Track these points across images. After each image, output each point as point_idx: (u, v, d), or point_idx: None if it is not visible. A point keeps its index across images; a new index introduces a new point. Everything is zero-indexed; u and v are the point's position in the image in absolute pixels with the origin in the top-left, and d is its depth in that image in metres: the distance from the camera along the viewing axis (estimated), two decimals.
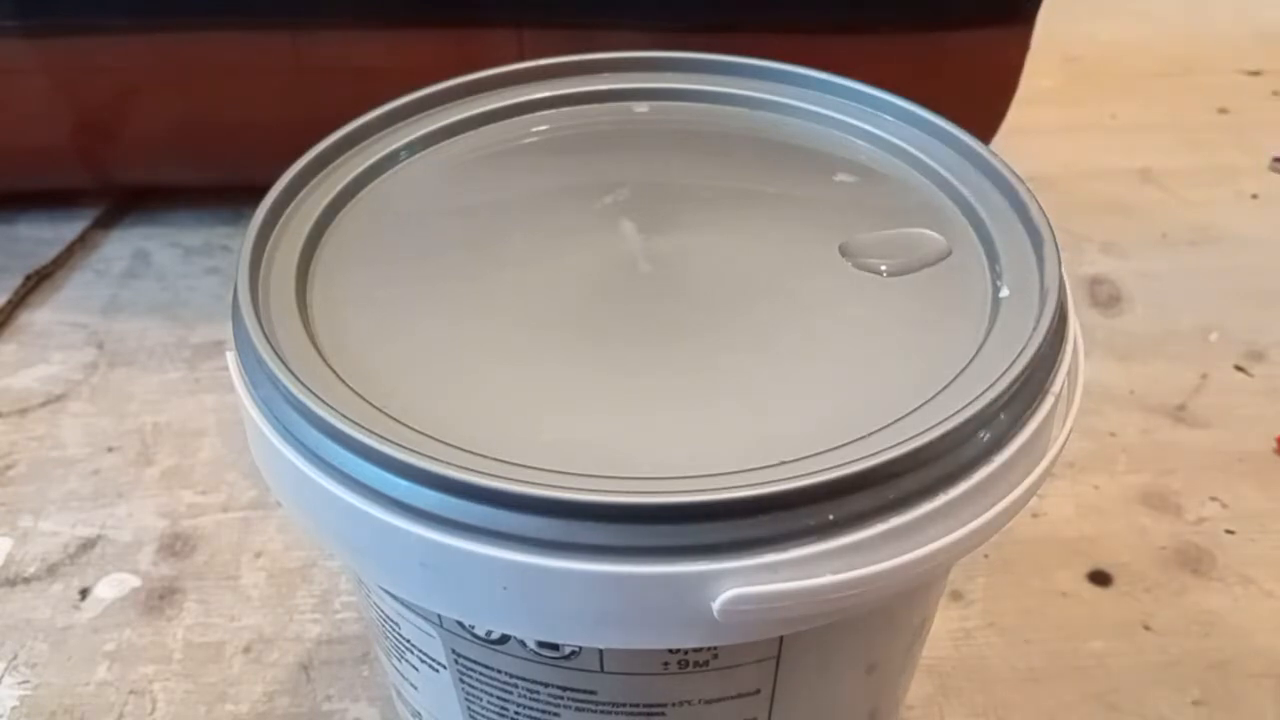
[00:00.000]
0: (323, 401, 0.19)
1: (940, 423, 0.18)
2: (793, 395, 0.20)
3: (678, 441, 0.19)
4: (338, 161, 0.25)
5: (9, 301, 0.47)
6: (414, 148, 0.26)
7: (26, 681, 0.32)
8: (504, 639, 0.21)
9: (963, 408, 0.18)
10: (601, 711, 0.22)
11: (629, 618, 0.18)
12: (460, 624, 0.21)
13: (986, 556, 0.36)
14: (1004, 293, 0.22)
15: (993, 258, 0.23)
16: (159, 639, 0.34)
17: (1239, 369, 0.43)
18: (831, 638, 0.22)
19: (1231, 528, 0.37)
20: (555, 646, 0.21)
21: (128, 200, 0.53)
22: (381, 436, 0.18)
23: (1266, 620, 0.34)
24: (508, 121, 0.27)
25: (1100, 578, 0.35)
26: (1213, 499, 0.38)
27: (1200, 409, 0.41)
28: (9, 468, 0.39)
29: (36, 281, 0.48)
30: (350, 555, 0.20)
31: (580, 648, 0.20)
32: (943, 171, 0.25)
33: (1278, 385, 0.43)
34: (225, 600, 0.35)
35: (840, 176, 0.25)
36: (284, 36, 0.43)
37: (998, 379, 0.19)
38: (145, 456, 0.40)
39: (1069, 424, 0.20)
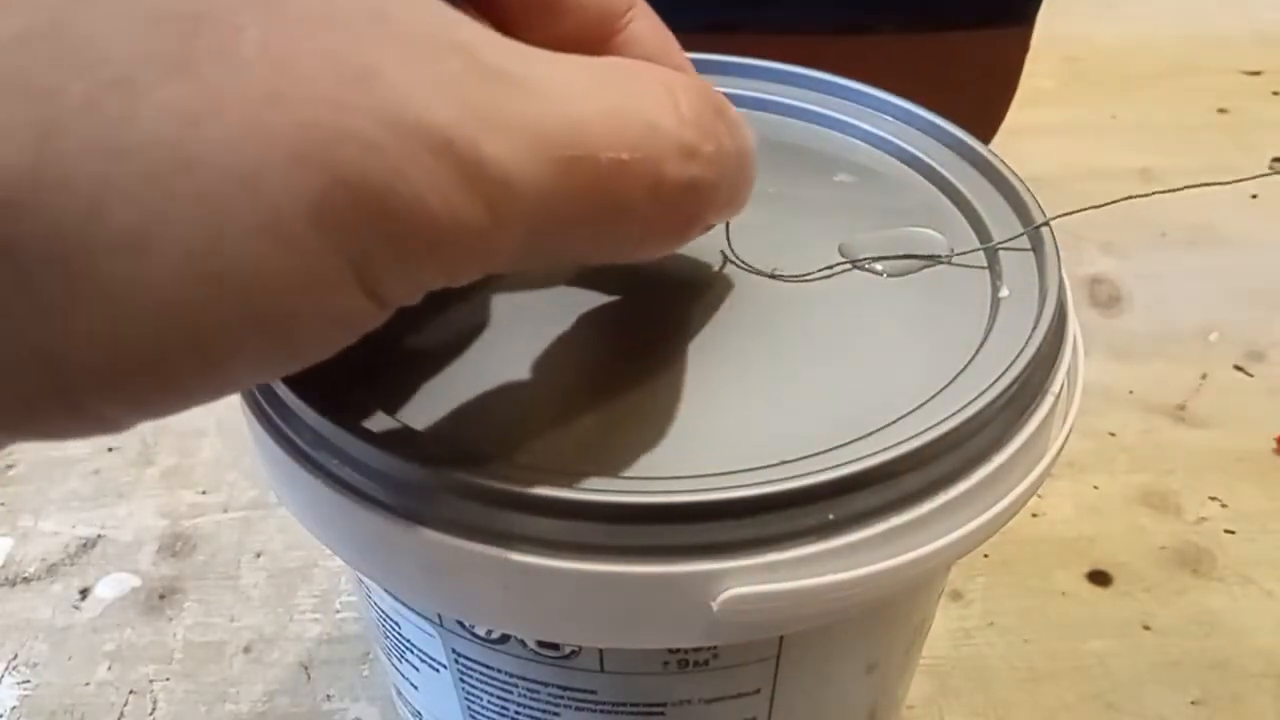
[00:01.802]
0: (322, 402, 0.19)
1: (940, 423, 0.18)
2: (792, 395, 0.20)
3: (678, 441, 0.19)
4: None
5: None
6: None
7: (26, 681, 0.32)
8: (504, 639, 0.21)
9: (963, 408, 0.18)
10: (601, 711, 0.22)
11: (629, 618, 0.18)
12: (460, 624, 0.21)
13: (986, 556, 0.36)
14: (1004, 293, 0.22)
15: (993, 257, 0.23)
16: (159, 639, 0.34)
17: (1239, 369, 0.43)
18: (831, 638, 0.22)
19: (1231, 528, 0.37)
20: (555, 646, 0.21)
21: None
22: (381, 437, 0.18)
23: (1266, 620, 0.34)
24: None
25: (1100, 577, 0.35)
26: (1213, 499, 0.38)
27: (1200, 409, 0.41)
28: (9, 468, 0.39)
29: None
30: (351, 556, 0.20)
31: (580, 648, 0.20)
32: (943, 171, 0.25)
33: (1278, 385, 0.43)
34: (225, 600, 0.35)
35: (840, 177, 0.25)
36: None
37: (998, 379, 0.19)
38: (145, 456, 0.40)
39: (1069, 424, 0.20)
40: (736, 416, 0.19)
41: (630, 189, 0.15)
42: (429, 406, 0.19)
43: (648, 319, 0.22)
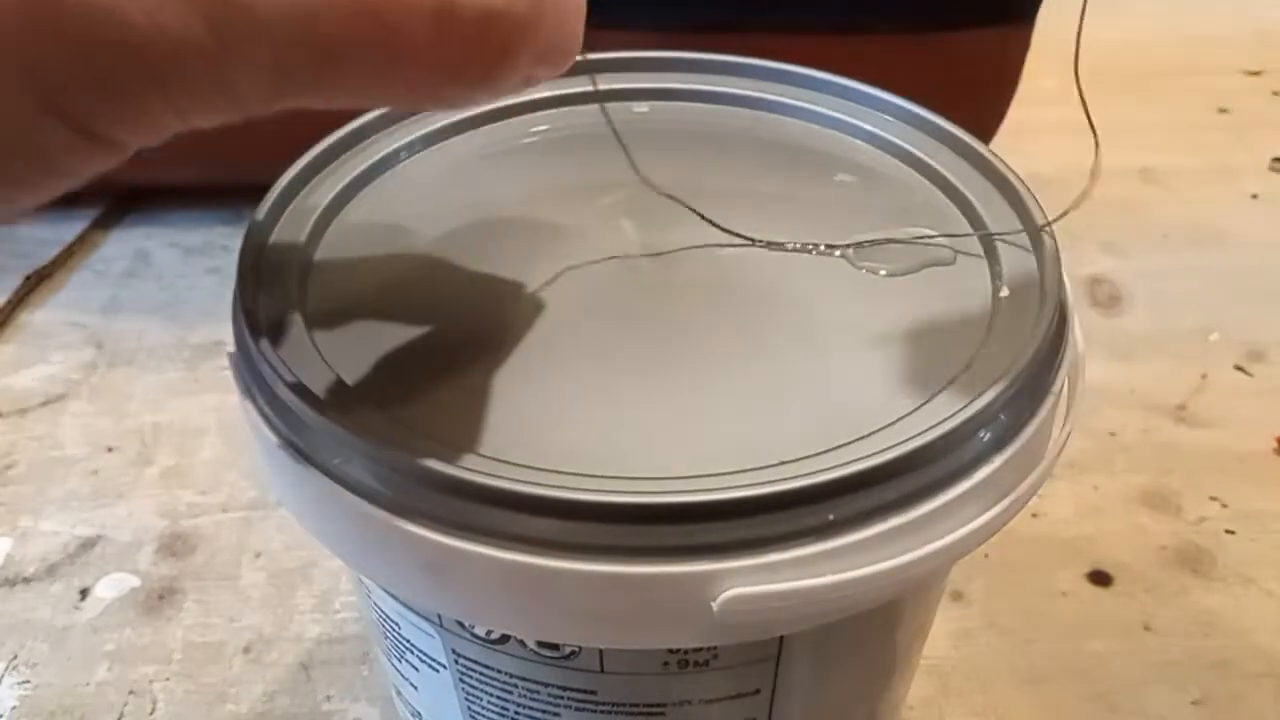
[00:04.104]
0: (322, 402, 0.19)
1: (940, 423, 0.18)
2: (793, 395, 0.20)
3: (678, 441, 0.19)
4: (338, 161, 0.25)
5: (9, 301, 0.47)
6: (414, 148, 0.26)
7: (26, 681, 0.32)
8: (504, 639, 0.21)
9: (963, 408, 0.18)
10: (601, 711, 0.22)
11: (629, 618, 0.18)
12: (460, 624, 0.21)
13: (986, 556, 0.36)
14: (1004, 293, 0.22)
15: (993, 258, 0.23)
16: (159, 639, 0.34)
17: (1239, 369, 0.43)
18: (831, 638, 0.22)
19: (1231, 528, 0.37)
20: (555, 646, 0.21)
21: (128, 200, 0.53)
22: (382, 437, 0.18)
23: (1266, 620, 0.34)
24: (508, 121, 0.27)
25: (1100, 578, 0.35)
26: (1213, 499, 0.38)
27: (1200, 409, 0.41)
28: (9, 468, 0.39)
29: (36, 281, 0.48)
30: (351, 556, 0.20)
31: (580, 648, 0.20)
32: (943, 171, 0.25)
33: (1278, 385, 0.43)
34: (225, 600, 0.35)
35: (840, 177, 0.25)
36: None
37: (998, 379, 0.19)
38: (145, 456, 0.40)
39: (1069, 424, 0.20)
40: (737, 416, 0.19)
41: (408, 13, 0.13)
42: (428, 406, 0.19)
43: (646, 319, 0.22)
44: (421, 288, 0.22)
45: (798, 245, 0.23)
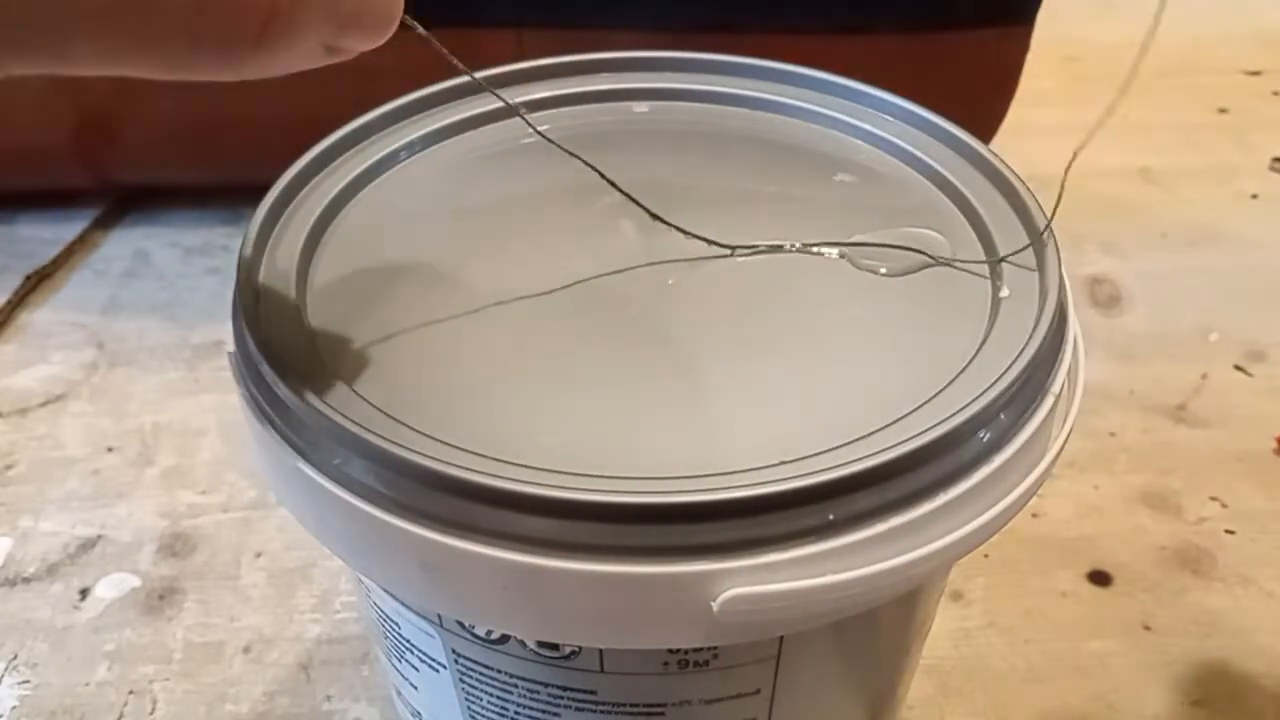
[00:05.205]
0: (322, 401, 0.19)
1: (940, 423, 0.18)
2: (793, 395, 0.20)
3: (678, 441, 0.19)
4: (338, 161, 0.25)
5: (9, 301, 0.47)
6: (414, 148, 0.26)
7: (26, 681, 0.32)
8: (504, 639, 0.21)
9: (963, 408, 0.18)
10: (601, 711, 0.22)
11: (629, 618, 0.18)
12: (460, 624, 0.21)
13: (986, 556, 0.36)
14: (1004, 293, 0.22)
15: (993, 258, 0.23)
16: (159, 639, 0.34)
17: (1239, 369, 0.43)
18: (831, 638, 0.22)
19: (1231, 528, 0.37)
20: (555, 646, 0.21)
21: (128, 200, 0.53)
22: (381, 436, 0.18)
23: (1266, 620, 0.34)
24: (508, 121, 0.27)
25: (1100, 578, 0.35)
26: (1213, 499, 0.38)
27: (1200, 409, 0.41)
28: (9, 468, 0.39)
29: (36, 281, 0.48)
30: (350, 555, 0.20)
31: (580, 648, 0.20)
32: (943, 171, 0.25)
33: (1278, 385, 0.43)
34: (225, 600, 0.35)
35: (840, 177, 0.25)
36: None
37: (998, 379, 0.19)
38: (145, 456, 0.40)
39: (1069, 424, 0.20)
40: (736, 416, 0.19)
41: None
42: (427, 406, 0.19)
43: (646, 318, 0.22)
44: (421, 288, 0.22)
45: (798, 245, 0.23)
